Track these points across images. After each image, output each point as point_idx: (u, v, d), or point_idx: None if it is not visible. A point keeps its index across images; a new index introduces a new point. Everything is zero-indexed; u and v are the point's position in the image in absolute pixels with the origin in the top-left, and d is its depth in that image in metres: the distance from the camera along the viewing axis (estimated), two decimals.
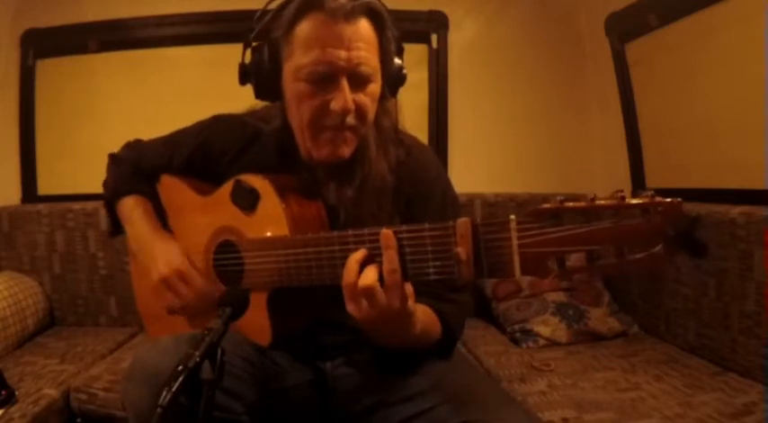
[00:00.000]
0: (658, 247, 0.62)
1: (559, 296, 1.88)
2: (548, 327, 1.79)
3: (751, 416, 1.22)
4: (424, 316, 0.90)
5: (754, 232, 1.41)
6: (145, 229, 1.11)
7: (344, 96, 0.89)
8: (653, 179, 2.06)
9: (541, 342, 1.76)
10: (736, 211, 1.48)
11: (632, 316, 1.88)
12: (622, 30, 2.08)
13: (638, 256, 0.63)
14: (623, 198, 0.63)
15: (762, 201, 1.48)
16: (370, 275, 0.77)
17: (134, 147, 1.22)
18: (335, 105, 0.90)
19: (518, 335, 1.80)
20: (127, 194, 1.16)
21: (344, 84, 0.89)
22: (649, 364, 1.56)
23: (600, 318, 1.83)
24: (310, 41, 0.89)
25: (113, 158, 1.22)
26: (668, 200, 0.62)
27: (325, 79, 0.90)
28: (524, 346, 1.76)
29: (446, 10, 2.27)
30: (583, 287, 1.91)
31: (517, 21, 2.32)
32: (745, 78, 1.57)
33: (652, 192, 0.63)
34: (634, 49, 2.05)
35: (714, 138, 1.73)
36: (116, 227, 1.20)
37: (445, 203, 1.05)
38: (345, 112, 0.90)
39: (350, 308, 0.80)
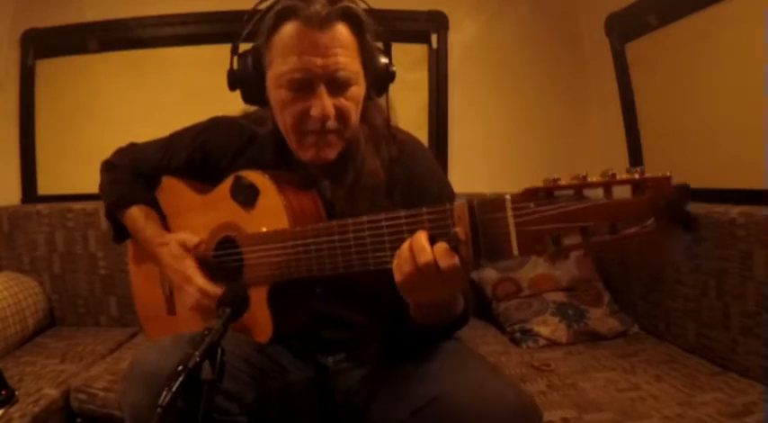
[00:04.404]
0: (650, 221, 0.64)
1: (559, 296, 1.88)
2: (548, 327, 1.79)
3: (751, 416, 1.22)
4: None
5: (754, 232, 1.41)
6: (151, 238, 1.11)
7: (322, 103, 0.91)
8: None
9: (541, 342, 1.76)
10: (736, 211, 1.48)
11: (632, 316, 1.88)
12: (622, 30, 2.08)
13: (631, 230, 0.65)
14: (614, 175, 0.65)
15: (762, 201, 1.48)
16: (452, 255, 0.75)
17: (128, 152, 1.23)
18: (314, 111, 0.92)
19: (518, 335, 1.80)
20: (131, 204, 1.16)
21: (322, 90, 0.91)
22: (649, 364, 1.56)
23: (600, 318, 1.83)
24: (287, 49, 0.91)
25: (109, 165, 1.22)
26: (658, 175, 0.64)
27: (303, 86, 0.92)
28: (524, 346, 1.76)
29: (446, 10, 2.27)
30: (583, 287, 1.91)
31: (517, 21, 2.32)
32: (745, 78, 1.57)
33: (641, 167, 0.65)
34: (634, 49, 2.05)
35: (714, 138, 1.73)
36: (120, 234, 1.20)
37: (440, 197, 1.05)
38: (324, 117, 0.92)
39: (418, 294, 0.80)
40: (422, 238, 0.76)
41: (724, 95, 1.67)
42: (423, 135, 2.26)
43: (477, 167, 2.31)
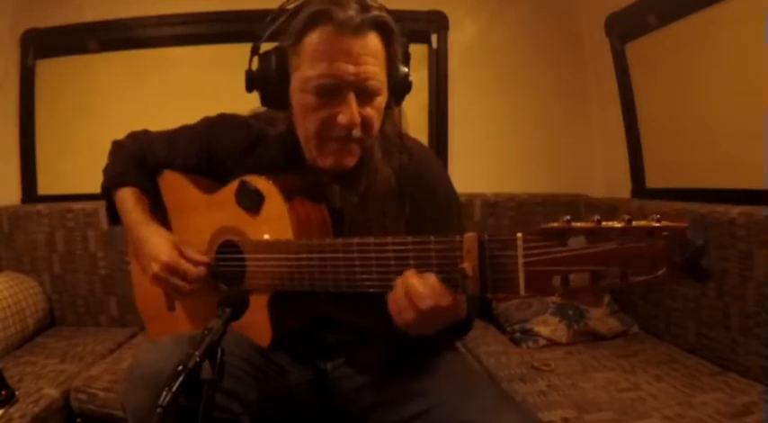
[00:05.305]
0: (662, 271, 0.63)
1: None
2: (548, 327, 1.79)
3: (751, 416, 1.22)
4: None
5: (754, 232, 1.41)
6: (135, 224, 1.10)
7: (351, 111, 0.90)
8: (653, 179, 2.06)
9: (541, 342, 1.76)
10: (736, 211, 1.48)
11: (632, 316, 1.88)
12: (622, 30, 2.08)
13: (641, 278, 0.64)
14: (630, 221, 0.64)
15: (762, 201, 1.47)
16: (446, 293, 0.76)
17: (140, 138, 1.22)
18: (342, 119, 0.90)
19: (518, 335, 1.80)
20: (125, 185, 1.15)
21: (352, 98, 0.90)
22: (649, 364, 1.56)
23: (600, 318, 1.83)
24: (318, 54, 0.89)
25: (117, 145, 1.22)
26: (673, 224, 0.63)
27: (331, 92, 0.90)
28: (524, 346, 1.76)
29: (446, 10, 2.27)
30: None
31: (517, 21, 2.32)
32: (745, 78, 1.57)
33: (658, 215, 0.63)
34: (634, 49, 2.05)
35: (714, 138, 1.73)
36: (114, 215, 1.20)
37: (447, 203, 1.06)
38: (352, 125, 0.91)
39: (419, 331, 0.80)
40: (415, 283, 0.76)
41: (724, 95, 1.67)
42: (423, 135, 2.26)
43: (477, 167, 2.30)
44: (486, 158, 2.34)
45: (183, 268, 1.01)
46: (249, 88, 0.98)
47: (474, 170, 2.29)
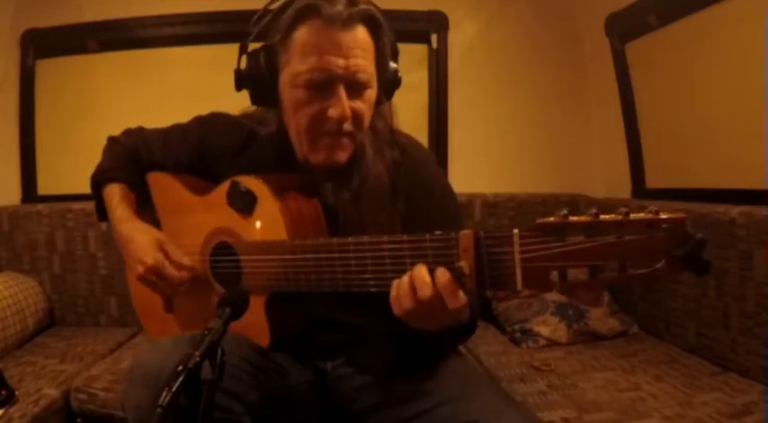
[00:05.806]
0: (661, 263, 0.62)
1: (559, 296, 1.88)
2: (548, 327, 1.79)
3: (751, 416, 1.22)
4: None
5: (754, 232, 1.41)
6: (120, 221, 1.09)
7: (342, 104, 0.90)
8: (653, 179, 2.06)
9: (541, 342, 1.76)
10: (736, 211, 1.48)
11: (632, 316, 1.88)
12: (622, 30, 2.08)
13: (640, 271, 0.63)
14: (628, 214, 0.63)
15: (762, 201, 1.48)
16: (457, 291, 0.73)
17: (135, 135, 1.21)
18: (333, 113, 0.90)
19: (518, 335, 1.80)
20: (113, 181, 1.15)
21: (342, 91, 0.90)
22: (649, 364, 1.56)
23: (600, 318, 1.83)
24: (308, 48, 0.89)
25: (112, 140, 1.22)
26: (672, 216, 0.62)
27: (322, 86, 0.90)
28: (524, 346, 1.76)
29: (446, 10, 2.27)
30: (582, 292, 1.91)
31: (517, 21, 2.32)
32: (745, 78, 1.57)
33: (656, 208, 0.63)
34: (634, 49, 2.05)
35: (714, 138, 1.73)
36: (103, 211, 1.19)
37: (445, 201, 1.05)
38: (343, 119, 0.91)
39: (421, 324, 0.79)
40: (423, 272, 0.74)
41: (724, 95, 1.67)
42: (423, 135, 2.26)
43: (477, 167, 2.31)
44: (486, 158, 2.34)
45: (167, 273, 1.01)
46: (239, 87, 0.98)
47: (474, 170, 2.29)
